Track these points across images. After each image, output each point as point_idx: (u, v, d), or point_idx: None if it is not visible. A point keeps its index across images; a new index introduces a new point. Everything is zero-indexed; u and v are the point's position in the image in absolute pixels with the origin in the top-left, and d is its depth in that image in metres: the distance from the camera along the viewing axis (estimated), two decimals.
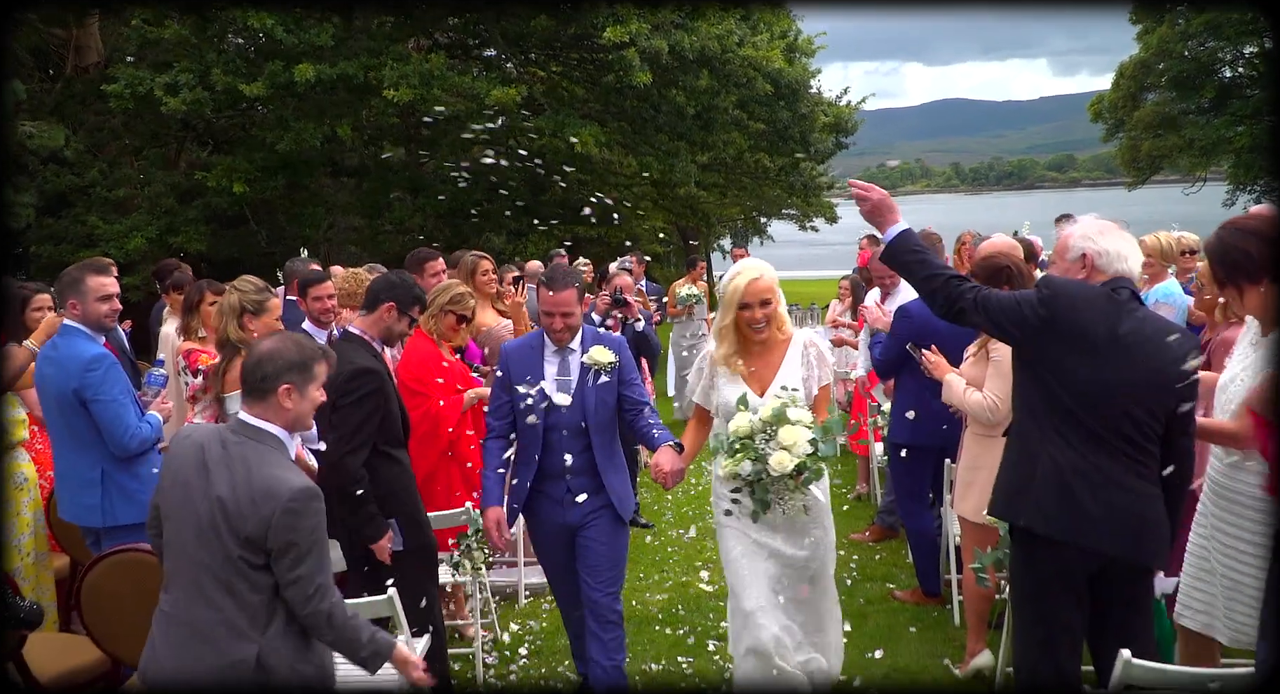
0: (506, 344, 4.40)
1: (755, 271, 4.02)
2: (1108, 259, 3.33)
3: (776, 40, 18.80)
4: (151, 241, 15.62)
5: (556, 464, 4.19)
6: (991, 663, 4.73)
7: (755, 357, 4.08)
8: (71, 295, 4.47)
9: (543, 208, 20.33)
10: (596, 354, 4.20)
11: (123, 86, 14.56)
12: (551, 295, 4.14)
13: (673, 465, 3.95)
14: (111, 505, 4.35)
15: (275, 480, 2.89)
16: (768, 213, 30.50)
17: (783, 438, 3.71)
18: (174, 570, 3.00)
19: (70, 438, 4.42)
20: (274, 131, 15.51)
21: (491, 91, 14.92)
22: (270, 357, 3.04)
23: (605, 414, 4.23)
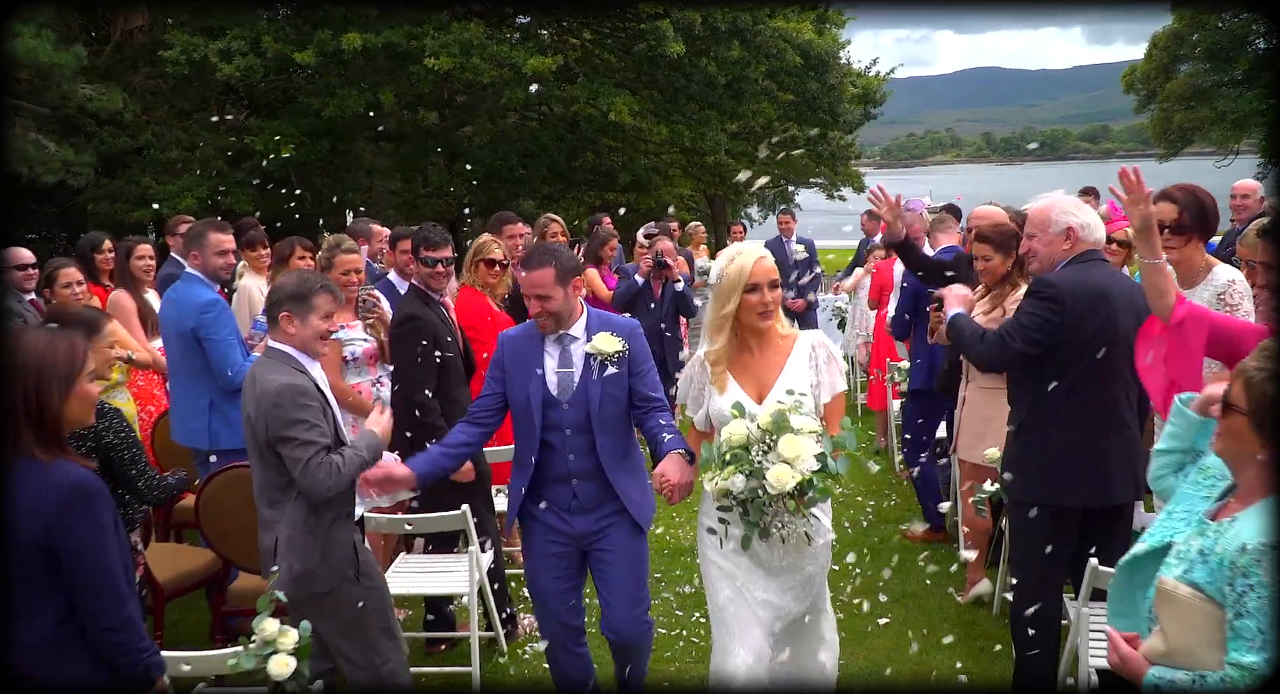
0: (505, 332, 3.93)
1: (758, 251, 3.50)
2: (1088, 231, 3.83)
3: (807, 12, 19.10)
4: (201, 201, 16.26)
5: (560, 468, 3.73)
6: (990, 590, 5.29)
7: (754, 357, 3.50)
8: (195, 248, 5.08)
9: (575, 173, 20.86)
10: (601, 342, 3.68)
11: (178, 53, 15.16)
12: (524, 275, 3.68)
13: (680, 477, 3.42)
14: (216, 431, 4.97)
15: (268, 382, 3.47)
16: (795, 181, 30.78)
17: (784, 449, 3.10)
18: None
19: (185, 371, 5.03)
20: (320, 98, 16.08)
21: (529, 61, 15.41)
22: (275, 289, 3.69)
23: (613, 410, 3.71)
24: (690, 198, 28.72)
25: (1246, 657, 2.10)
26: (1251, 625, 2.11)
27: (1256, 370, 2.21)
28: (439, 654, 4.96)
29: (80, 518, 2.57)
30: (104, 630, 2.62)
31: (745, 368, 3.50)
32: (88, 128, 16.46)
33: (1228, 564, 2.17)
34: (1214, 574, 2.19)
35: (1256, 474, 2.24)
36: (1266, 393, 2.17)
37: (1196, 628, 2.21)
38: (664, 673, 4.74)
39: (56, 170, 15.50)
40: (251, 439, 3.52)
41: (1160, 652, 2.27)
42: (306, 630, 3.13)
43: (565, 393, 3.70)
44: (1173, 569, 2.30)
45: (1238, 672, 2.11)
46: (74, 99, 15.61)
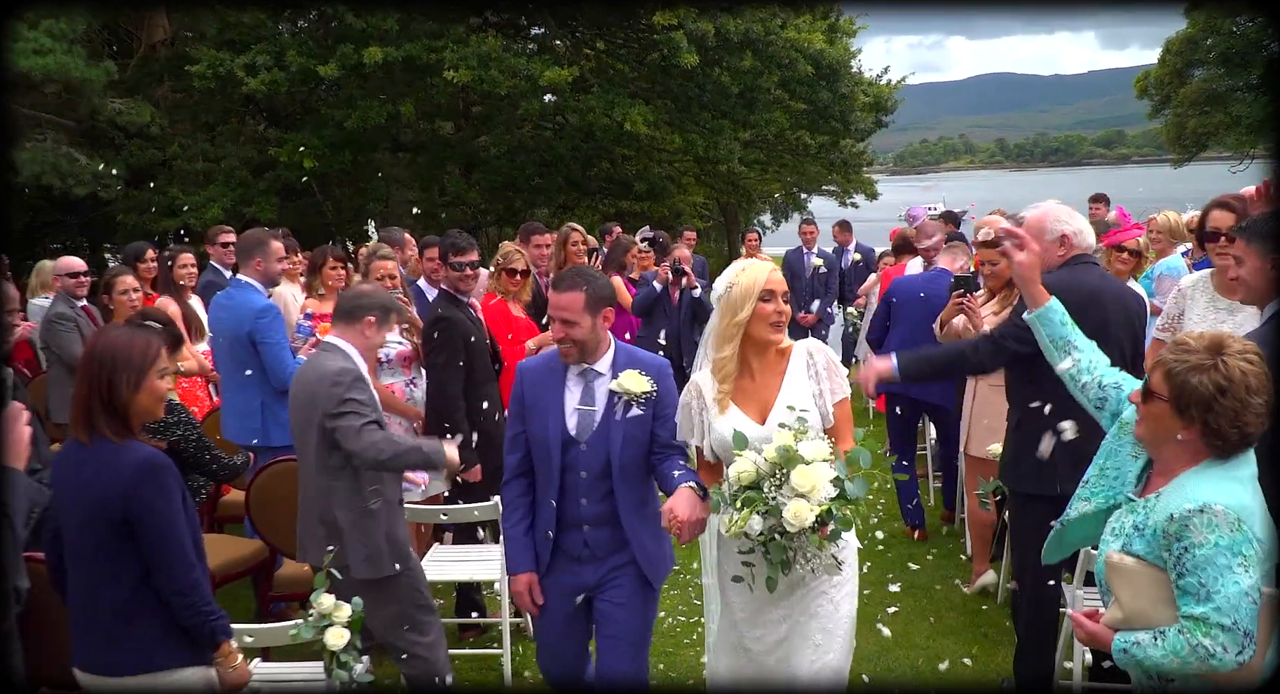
0: (524, 363, 3.69)
1: (768, 263, 3.37)
2: (1081, 237, 4.10)
3: (818, 21, 19.38)
4: (227, 211, 16.64)
5: (573, 512, 3.50)
6: (995, 581, 5.54)
7: (753, 377, 3.33)
8: (258, 254, 5.41)
9: (589, 182, 21.20)
10: (628, 381, 3.43)
11: (205, 67, 15.55)
12: (552, 296, 3.44)
13: (691, 512, 3.18)
14: (268, 430, 5.28)
15: (326, 365, 3.82)
16: (808, 189, 31.04)
17: (797, 482, 2.92)
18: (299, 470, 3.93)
19: (238, 373, 5.33)
20: (342, 110, 16.46)
21: (545, 72, 15.75)
22: (369, 293, 4.07)
23: (634, 454, 3.46)
24: (703, 206, 29.03)
25: (1196, 608, 2.38)
26: (1193, 581, 2.39)
27: (1176, 362, 2.48)
28: (470, 639, 5.24)
29: (151, 491, 2.86)
30: (174, 593, 2.91)
31: (743, 388, 3.32)
32: (116, 140, 16.89)
33: (1160, 533, 2.45)
34: (1150, 544, 2.48)
35: (1175, 452, 2.53)
36: (1188, 382, 2.44)
37: (1145, 592, 2.49)
38: (684, 658, 5.00)
39: (88, 182, 15.93)
40: (305, 424, 3.80)
41: (1119, 619, 2.54)
42: (359, 606, 3.42)
43: (584, 433, 3.45)
44: (1112, 544, 2.59)
45: (1191, 622, 2.38)
46: (104, 113, 16.04)
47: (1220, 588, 2.35)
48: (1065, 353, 3.05)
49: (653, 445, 3.48)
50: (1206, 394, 2.42)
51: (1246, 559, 2.36)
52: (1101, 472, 2.77)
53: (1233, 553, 2.36)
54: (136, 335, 3.02)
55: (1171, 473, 2.55)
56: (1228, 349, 2.46)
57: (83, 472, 2.88)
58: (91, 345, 3.03)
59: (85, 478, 2.87)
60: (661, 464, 3.46)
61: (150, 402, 2.99)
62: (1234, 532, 2.37)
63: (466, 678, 4.84)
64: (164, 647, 2.94)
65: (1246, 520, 2.38)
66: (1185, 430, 2.47)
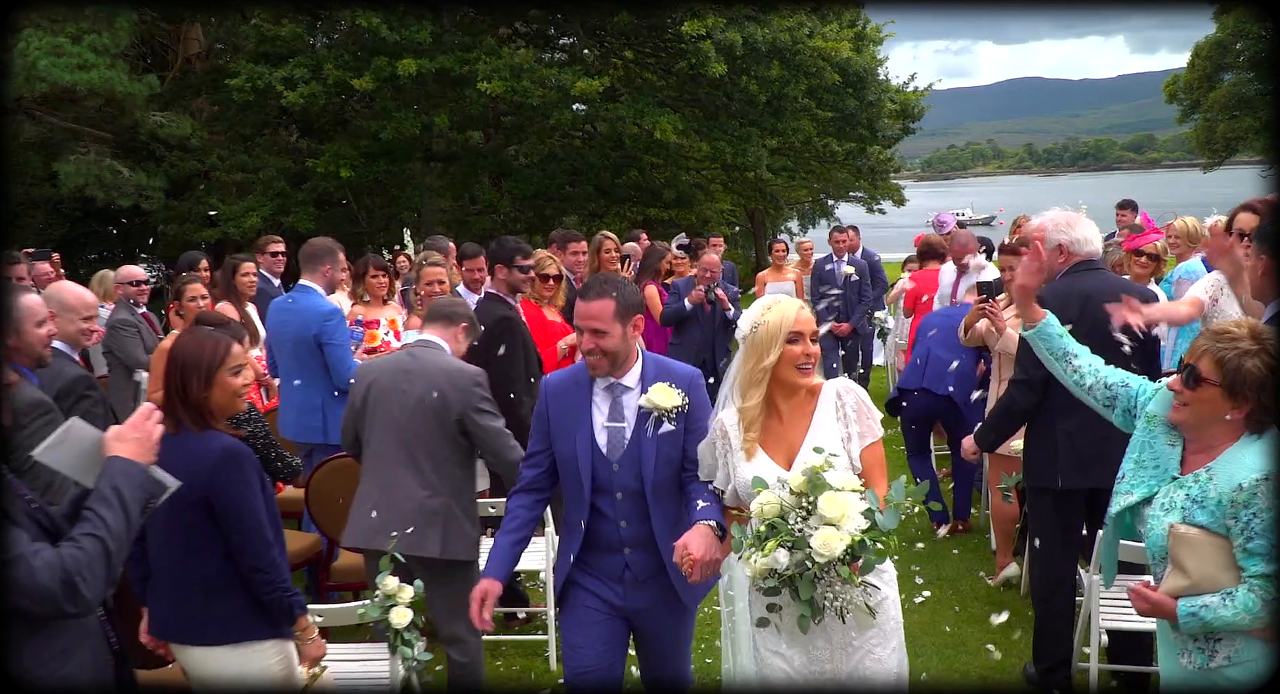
0: (549, 377, 3.52)
1: (796, 301, 3.17)
2: (1079, 245, 4.31)
3: (845, 30, 19.58)
4: (266, 221, 17.06)
5: (610, 535, 3.33)
6: (1018, 573, 5.73)
7: (781, 420, 3.14)
8: (327, 262, 5.71)
9: (619, 190, 21.49)
10: (657, 395, 3.27)
11: (243, 80, 15.97)
12: (581, 305, 3.28)
13: (705, 552, 3.01)
14: (328, 428, 5.57)
15: (457, 365, 4.18)
16: (835, 195, 31.20)
17: (825, 510, 2.75)
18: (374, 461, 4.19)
19: (301, 373, 5.60)
20: (377, 121, 16.85)
21: (576, 83, 16.06)
22: (462, 303, 4.54)
23: (668, 472, 3.31)
24: (731, 213, 29.26)
25: (1261, 567, 2.61)
26: (1261, 543, 2.61)
27: (1226, 349, 2.69)
28: (517, 625, 5.50)
29: (230, 476, 3.13)
30: (253, 570, 3.17)
31: (771, 431, 3.13)
32: (158, 153, 17.36)
33: (1227, 502, 2.66)
34: (1214, 514, 2.69)
35: (1220, 431, 2.74)
36: (1242, 366, 2.66)
37: (1211, 559, 2.70)
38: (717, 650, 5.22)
39: (130, 194, 16.41)
40: (425, 414, 4.07)
41: (1184, 587, 2.74)
42: (420, 587, 3.68)
43: (615, 451, 3.30)
44: (1164, 519, 2.78)
45: (1261, 581, 2.61)
46: (146, 126, 16.52)
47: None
48: (1066, 362, 3.22)
49: (684, 460, 3.31)
50: (1261, 376, 2.65)
51: None
52: (1139, 464, 2.93)
53: None
54: (206, 338, 3.30)
55: (1214, 450, 2.76)
56: (1264, 335, 2.71)
57: (169, 459, 3.15)
58: (170, 348, 3.32)
59: (171, 465, 3.14)
60: (689, 482, 3.29)
61: (224, 397, 3.25)
62: None
63: (515, 663, 5.09)
64: (246, 620, 3.20)
65: None
66: (1235, 411, 2.69)
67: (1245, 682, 2.71)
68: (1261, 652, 2.68)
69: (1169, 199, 55.36)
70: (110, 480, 2.46)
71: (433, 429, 4.09)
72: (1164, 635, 2.91)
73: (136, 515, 2.48)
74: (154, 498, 2.59)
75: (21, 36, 14.80)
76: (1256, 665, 2.70)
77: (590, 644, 3.34)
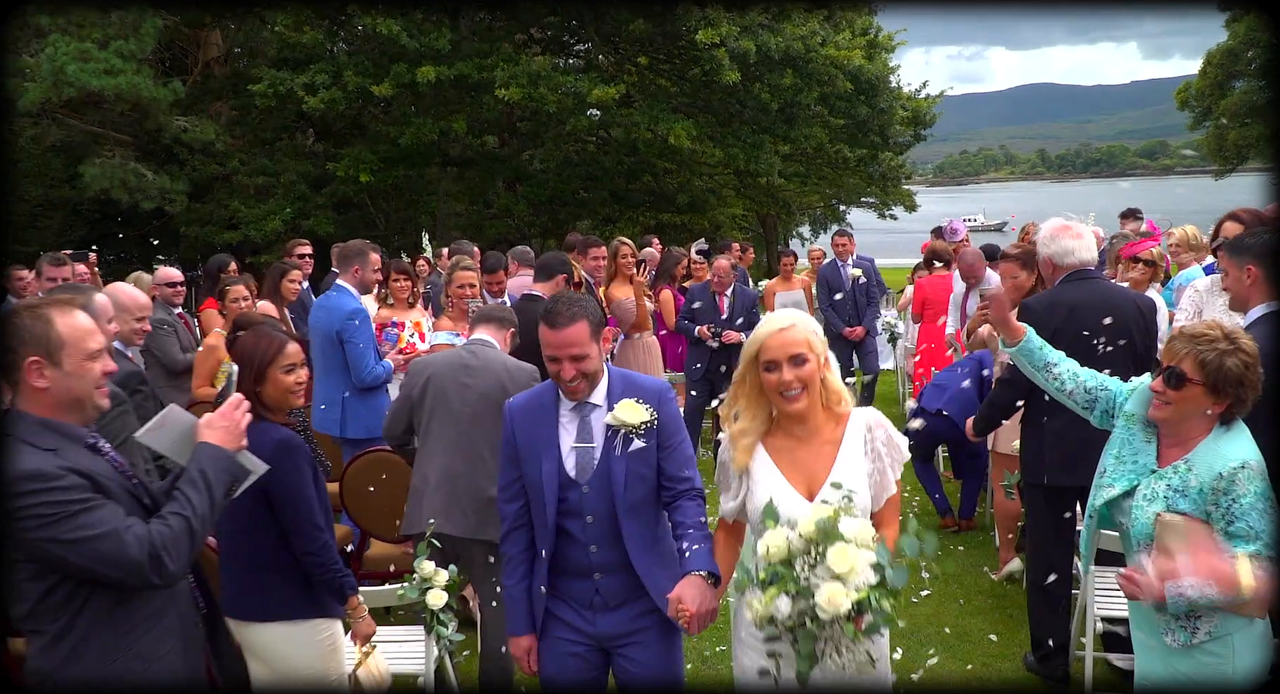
0: (511, 401, 3.35)
1: (785, 319, 2.95)
2: (1061, 257, 4.55)
3: (858, 38, 19.82)
4: (286, 224, 17.39)
5: (579, 559, 3.17)
6: (1020, 568, 5.94)
7: (800, 444, 2.98)
8: (358, 263, 5.96)
9: (632, 195, 21.77)
10: (623, 412, 3.12)
11: (266, 86, 16.30)
12: (553, 333, 3.07)
13: (701, 604, 2.85)
14: (345, 422, 5.83)
15: (511, 364, 4.48)
16: (846, 201, 31.41)
17: (833, 562, 2.62)
18: (435, 450, 4.44)
19: (327, 367, 5.88)
20: (396, 127, 17.16)
21: (593, 90, 16.35)
22: (512, 313, 4.81)
23: (641, 491, 3.15)
24: (742, 218, 29.49)
25: (1249, 547, 2.83)
26: (1243, 526, 2.85)
27: (1206, 350, 2.91)
28: None
29: (285, 466, 3.33)
30: (305, 553, 3.41)
31: (790, 457, 2.96)
32: (181, 156, 17.70)
33: (1208, 491, 2.90)
34: (1195, 502, 2.92)
35: (1195, 424, 2.98)
36: (1223, 365, 2.90)
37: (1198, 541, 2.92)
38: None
39: (154, 197, 16.75)
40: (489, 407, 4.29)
41: (1170, 569, 2.92)
42: (454, 571, 3.93)
43: (585, 473, 3.14)
44: (1148, 508, 3.01)
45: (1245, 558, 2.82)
46: (170, 130, 16.86)
47: (1264, 527, 2.84)
48: (1046, 372, 3.45)
49: (660, 479, 3.16)
50: (1240, 372, 2.90)
51: (1272, 501, 2.87)
52: (1118, 459, 3.16)
53: (1266, 498, 2.86)
54: (264, 336, 3.55)
55: (1189, 443, 2.99)
56: (1235, 334, 2.97)
57: None
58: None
59: None
60: (674, 512, 3.14)
61: (275, 392, 3.49)
62: (1264, 480, 2.88)
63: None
64: (299, 599, 3.44)
65: (1265, 471, 2.90)
66: (1215, 405, 2.94)
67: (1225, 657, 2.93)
68: (1240, 626, 2.92)
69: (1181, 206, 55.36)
70: (198, 464, 2.69)
71: (496, 421, 4.34)
72: (1141, 623, 3.13)
73: (220, 497, 2.71)
74: (237, 481, 2.81)
75: (49, 41, 15.16)
76: (1236, 640, 2.93)
77: (564, 673, 3.21)
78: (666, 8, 16.53)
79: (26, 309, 2.58)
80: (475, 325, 4.64)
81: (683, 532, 3.06)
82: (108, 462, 2.63)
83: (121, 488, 2.60)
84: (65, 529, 2.42)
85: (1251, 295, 3.73)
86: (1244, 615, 2.91)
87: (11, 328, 2.54)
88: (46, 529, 2.40)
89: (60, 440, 2.53)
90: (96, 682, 2.54)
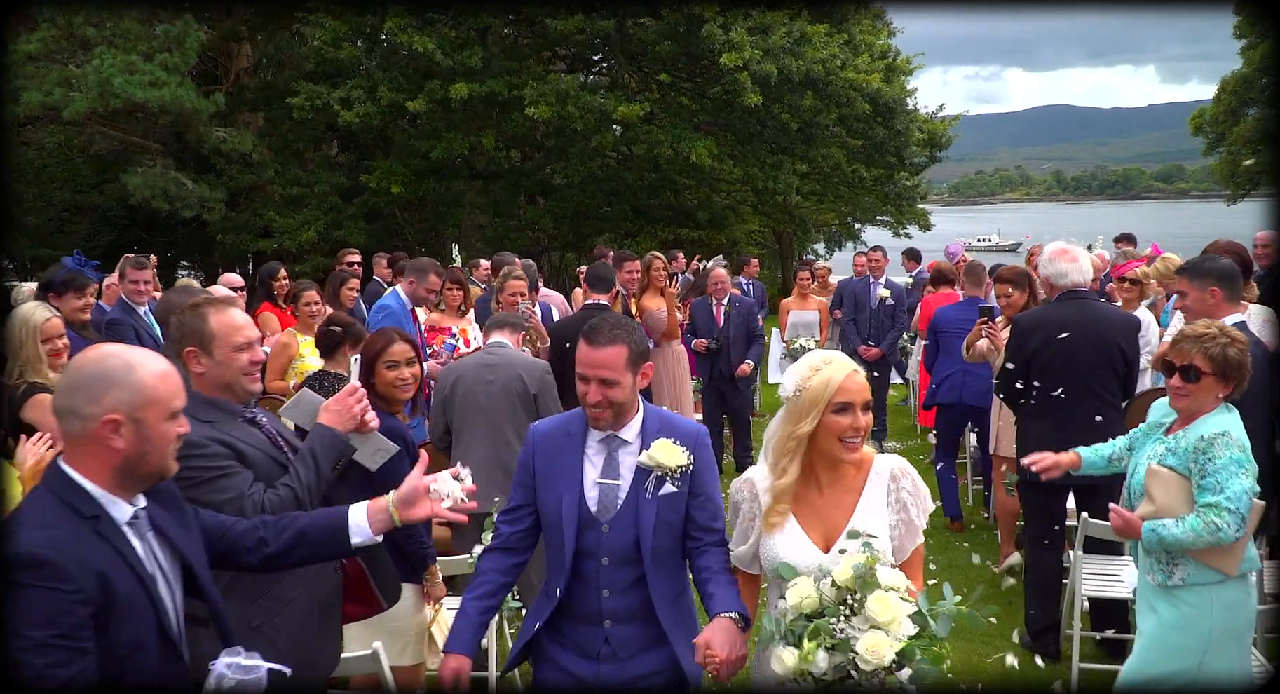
0: (537, 425, 3.18)
1: (849, 364, 2.82)
2: (1057, 278, 5.09)
3: (876, 61, 20.35)
4: (319, 234, 17.98)
5: (590, 604, 2.98)
6: (1020, 561, 6.42)
7: (820, 493, 2.84)
8: (413, 276, 6.53)
9: (653, 211, 22.34)
10: (660, 453, 2.95)
11: (303, 99, 16.93)
12: (589, 350, 2.93)
13: (731, 650, 2.70)
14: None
15: (525, 359, 5.20)
16: (862, 219, 31.88)
17: (873, 611, 2.47)
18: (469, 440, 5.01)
19: None
20: (428, 141, 17.77)
21: (618, 108, 16.93)
22: (521, 317, 5.49)
23: (669, 538, 2.98)
24: (758, 234, 30.00)
25: (1212, 498, 3.40)
26: (1211, 481, 3.42)
27: (1211, 344, 3.47)
28: None
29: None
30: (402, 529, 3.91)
31: (809, 507, 2.83)
32: (218, 166, 18.34)
33: (1190, 451, 3.48)
34: (1181, 459, 3.52)
35: (1205, 406, 3.53)
36: (1227, 354, 3.47)
37: (1174, 493, 3.52)
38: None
39: (193, 205, 17.37)
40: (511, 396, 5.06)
41: (1150, 512, 3.55)
42: None
43: (606, 511, 2.96)
44: (1151, 462, 3.60)
45: (1207, 508, 3.39)
46: (210, 141, 17.50)
47: (1230, 485, 3.39)
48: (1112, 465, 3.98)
49: (688, 527, 2.99)
50: (1240, 359, 3.50)
51: (1246, 470, 3.43)
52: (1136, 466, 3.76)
53: (1239, 465, 3.42)
54: (379, 336, 4.16)
55: (1193, 418, 3.56)
56: (1227, 329, 3.57)
57: None
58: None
59: None
60: (699, 558, 2.98)
61: (382, 385, 4.05)
62: (1241, 451, 3.44)
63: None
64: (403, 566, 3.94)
65: (1245, 445, 3.46)
66: (1224, 389, 3.51)
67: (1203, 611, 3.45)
68: (1215, 581, 3.44)
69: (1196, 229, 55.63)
70: (310, 442, 3.16)
71: (516, 408, 5.03)
72: (1139, 564, 3.67)
73: (327, 471, 3.14)
74: (342, 457, 3.23)
75: (95, 53, 15.82)
76: (1215, 597, 3.45)
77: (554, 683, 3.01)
78: (692, 30, 17.06)
79: (191, 307, 3.08)
80: (490, 331, 5.33)
81: (710, 576, 2.92)
82: (264, 433, 3.12)
83: (267, 457, 3.06)
84: (205, 491, 2.87)
85: (1215, 312, 4.26)
86: (1214, 568, 3.43)
87: (178, 323, 3.06)
88: (193, 489, 2.82)
89: (219, 414, 3.01)
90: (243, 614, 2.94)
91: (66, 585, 2.02)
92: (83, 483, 2.19)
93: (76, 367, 2.24)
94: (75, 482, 2.19)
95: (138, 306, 6.49)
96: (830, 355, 2.84)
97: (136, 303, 6.50)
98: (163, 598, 2.25)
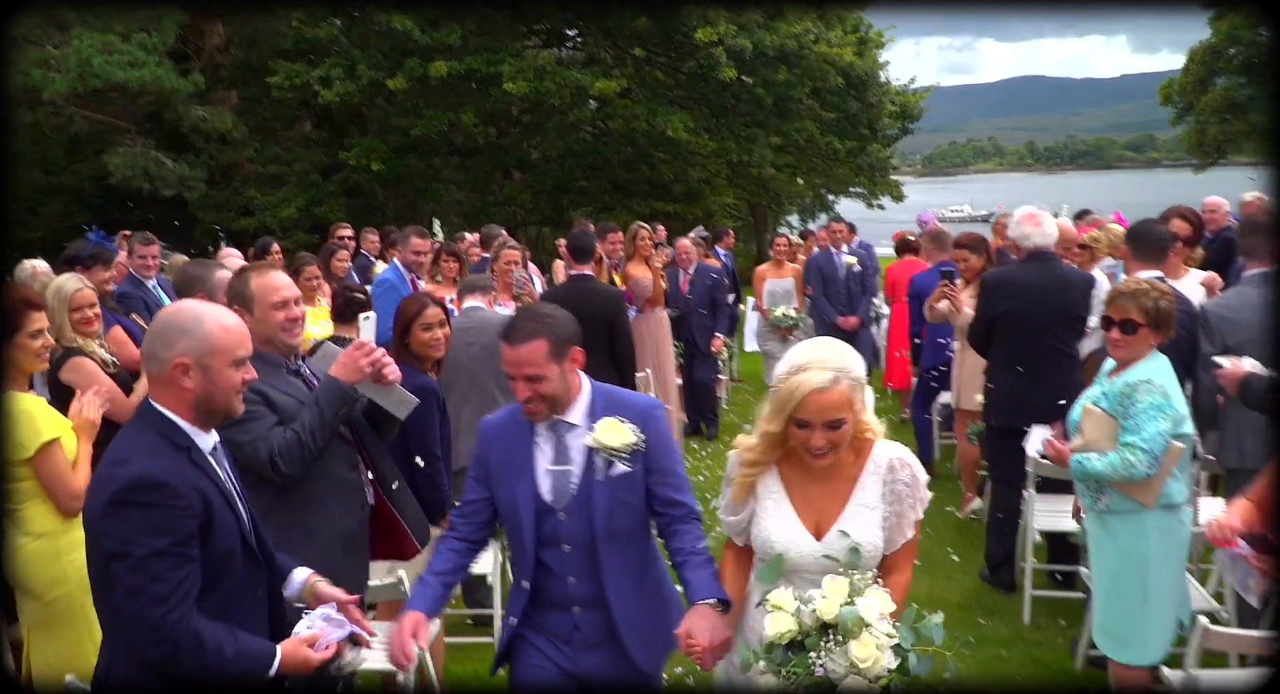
0: (486, 419, 3.18)
1: (825, 374, 2.66)
2: (1022, 240, 5.51)
3: (849, 35, 20.71)
4: (300, 211, 18.19)
5: (558, 591, 2.98)
6: (981, 506, 6.88)
7: (815, 481, 2.80)
8: (399, 244, 6.87)
9: (630, 184, 22.65)
10: (604, 434, 2.90)
11: (283, 78, 17.09)
12: (508, 350, 2.92)
13: (712, 637, 2.68)
14: None
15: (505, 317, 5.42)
16: (835, 191, 32.26)
17: (856, 654, 2.44)
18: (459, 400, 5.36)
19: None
20: (408, 118, 17.98)
21: (595, 83, 17.20)
22: (490, 279, 5.95)
23: (627, 520, 2.94)
24: (733, 206, 30.33)
25: (1130, 438, 3.78)
26: (1132, 423, 3.80)
27: (1144, 297, 3.83)
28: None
29: (421, 406, 4.00)
30: (424, 473, 4.30)
31: (803, 491, 2.81)
32: (197, 145, 18.46)
33: (1119, 395, 3.87)
34: (1111, 401, 3.91)
35: (1140, 354, 3.89)
36: (1159, 306, 3.83)
37: (1102, 430, 3.92)
38: None
39: (174, 184, 17.52)
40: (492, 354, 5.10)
41: (1080, 445, 3.98)
42: None
43: (561, 498, 2.94)
44: (1087, 402, 4.03)
45: (1125, 447, 3.78)
46: (189, 120, 17.61)
47: (1146, 428, 3.76)
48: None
49: (653, 505, 2.96)
50: (1170, 309, 3.88)
51: (1165, 415, 3.78)
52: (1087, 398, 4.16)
53: (1157, 409, 3.78)
54: (411, 301, 4.61)
55: (1129, 365, 3.94)
56: (1156, 284, 3.93)
57: None
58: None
59: None
60: (672, 539, 2.93)
61: (417, 345, 4.48)
62: (1162, 397, 3.80)
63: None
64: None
65: (1169, 391, 3.83)
66: (1156, 337, 3.87)
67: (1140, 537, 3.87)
68: (1134, 508, 3.86)
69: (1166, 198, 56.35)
70: (318, 391, 3.47)
71: (498, 364, 5.33)
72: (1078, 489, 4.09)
73: (331, 417, 3.40)
74: (345, 404, 3.47)
75: (74, 33, 15.91)
76: (1149, 524, 3.85)
77: (535, 680, 3.01)
78: (670, 7, 17.34)
79: (238, 272, 3.49)
80: (463, 295, 5.66)
81: (684, 559, 2.89)
82: (304, 383, 3.49)
83: (300, 404, 3.40)
84: (234, 432, 3.16)
85: (1128, 269, 4.70)
86: (1134, 498, 3.87)
87: (229, 287, 3.49)
88: (225, 430, 3.03)
89: (263, 366, 3.31)
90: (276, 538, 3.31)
91: (179, 502, 2.39)
92: (174, 418, 2.53)
93: (159, 317, 2.64)
94: (167, 417, 2.53)
95: (146, 280, 6.80)
96: (813, 358, 2.69)
97: (145, 276, 6.81)
98: (243, 514, 2.64)
